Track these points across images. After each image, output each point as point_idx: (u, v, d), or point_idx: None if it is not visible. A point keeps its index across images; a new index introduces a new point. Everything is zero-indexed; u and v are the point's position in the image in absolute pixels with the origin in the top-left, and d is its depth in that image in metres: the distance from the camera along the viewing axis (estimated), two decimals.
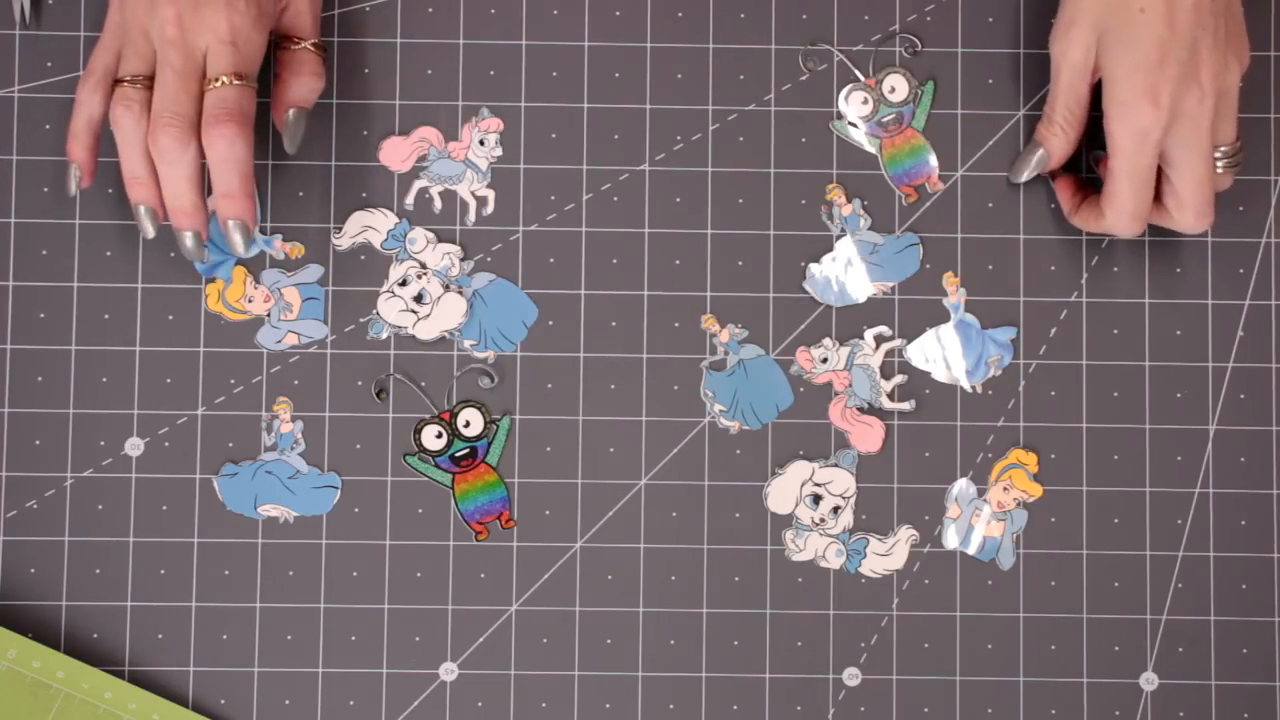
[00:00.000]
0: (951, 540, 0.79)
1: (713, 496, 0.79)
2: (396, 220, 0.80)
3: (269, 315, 0.79)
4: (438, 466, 0.79)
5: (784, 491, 0.79)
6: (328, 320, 0.79)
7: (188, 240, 0.74)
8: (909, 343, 0.80)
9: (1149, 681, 0.79)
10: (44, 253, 0.79)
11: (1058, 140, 0.77)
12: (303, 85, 0.76)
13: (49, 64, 0.80)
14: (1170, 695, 0.79)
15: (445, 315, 0.79)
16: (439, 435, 0.79)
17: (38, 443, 0.79)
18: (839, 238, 0.80)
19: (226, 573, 0.78)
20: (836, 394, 0.79)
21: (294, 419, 0.79)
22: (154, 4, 0.73)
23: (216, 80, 0.72)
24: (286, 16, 0.76)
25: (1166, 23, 0.72)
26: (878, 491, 0.79)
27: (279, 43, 0.77)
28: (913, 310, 0.80)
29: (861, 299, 0.80)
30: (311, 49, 0.77)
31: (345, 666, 0.78)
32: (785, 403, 0.79)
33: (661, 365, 0.79)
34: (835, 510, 0.79)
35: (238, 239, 0.74)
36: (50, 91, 0.80)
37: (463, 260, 0.80)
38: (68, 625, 0.78)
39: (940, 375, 0.80)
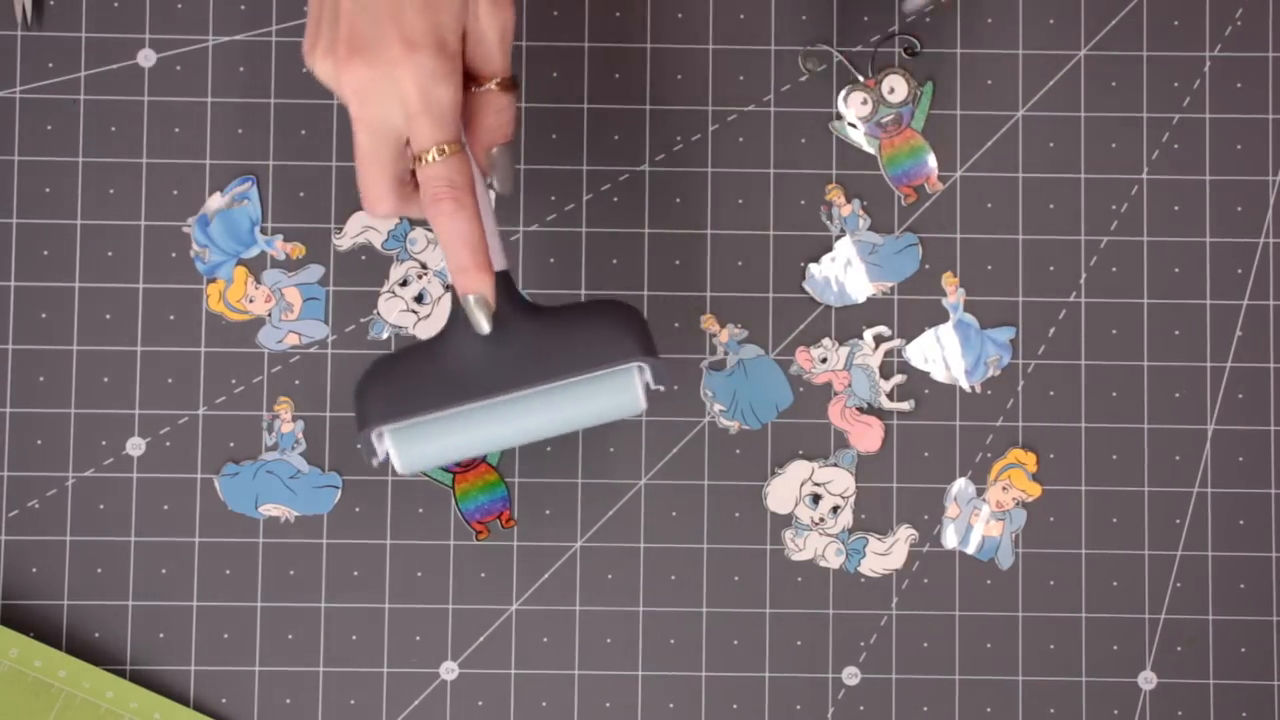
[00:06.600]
0: (950, 540, 0.79)
1: (712, 496, 0.79)
2: (397, 221, 0.80)
3: (270, 315, 0.79)
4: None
5: (783, 491, 0.79)
6: (328, 320, 0.80)
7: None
8: (908, 343, 0.80)
9: (1148, 680, 0.79)
10: (45, 253, 0.79)
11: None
12: (489, 129, 0.68)
13: (50, 64, 0.80)
14: (1169, 694, 0.79)
15: (445, 315, 0.79)
16: None
17: (39, 442, 0.79)
18: (838, 238, 0.80)
19: (227, 572, 0.79)
20: (836, 394, 0.80)
21: (295, 419, 0.79)
22: (338, 76, 0.65)
23: (422, 158, 0.65)
24: (470, 49, 0.66)
25: None
26: (877, 491, 0.79)
27: (464, 80, 0.67)
28: (912, 310, 0.80)
29: (861, 299, 0.80)
30: (495, 89, 0.67)
31: (346, 666, 0.78)
32: (785, 403, 0.80)
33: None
34: (835, 510, 0.79)
35: (479, 318, 0.67)
36: (51, 92, 0.80)
37: None
38: (69, 624, 0.78)
39: (939, 375, 0.80)
